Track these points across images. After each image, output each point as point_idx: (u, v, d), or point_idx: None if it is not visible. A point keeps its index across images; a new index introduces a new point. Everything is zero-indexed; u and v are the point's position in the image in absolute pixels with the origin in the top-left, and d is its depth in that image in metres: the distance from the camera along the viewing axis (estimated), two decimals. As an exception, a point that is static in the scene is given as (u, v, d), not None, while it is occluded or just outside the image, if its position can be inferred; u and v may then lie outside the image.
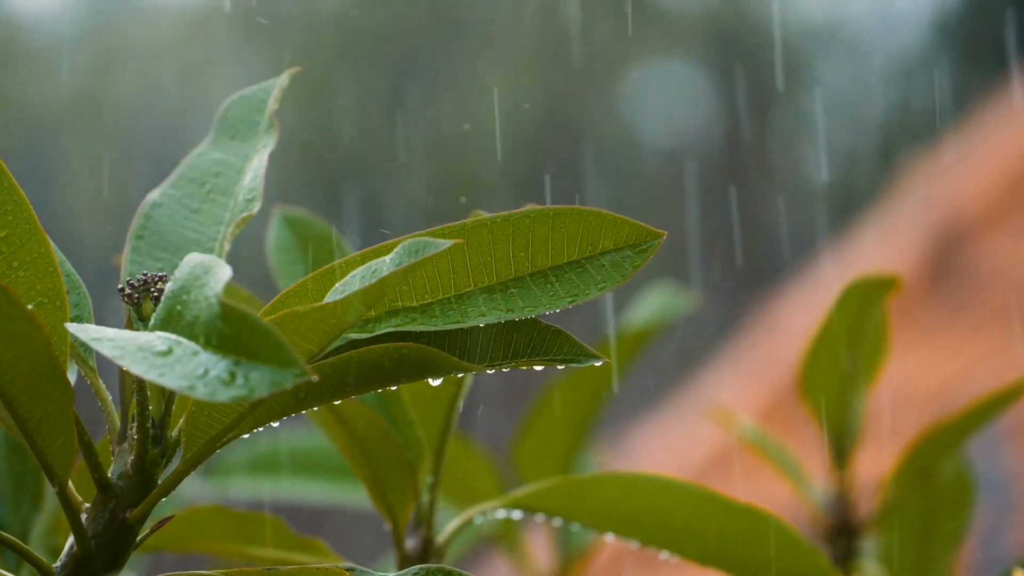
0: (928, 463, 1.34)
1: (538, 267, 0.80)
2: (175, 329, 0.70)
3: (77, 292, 0.84)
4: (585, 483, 0.97)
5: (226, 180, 0.89)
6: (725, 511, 0.97)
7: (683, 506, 0.96)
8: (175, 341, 0.69)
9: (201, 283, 0.71)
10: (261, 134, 0.91)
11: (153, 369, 0.67)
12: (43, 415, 0.74)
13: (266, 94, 0.92)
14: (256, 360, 0.66)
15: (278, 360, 0.65)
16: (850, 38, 5.36)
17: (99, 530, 0.78)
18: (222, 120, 0.92)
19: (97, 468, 0.78)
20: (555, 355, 0.80)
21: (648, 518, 0.96)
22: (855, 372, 1.39)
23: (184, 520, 1.00)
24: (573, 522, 0.97)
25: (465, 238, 0.79)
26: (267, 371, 0.65)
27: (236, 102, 0.92)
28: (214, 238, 0.87)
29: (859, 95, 5.22)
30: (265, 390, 0.65)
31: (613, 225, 0.80)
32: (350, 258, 0.80)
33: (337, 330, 0.73)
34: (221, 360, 0.66)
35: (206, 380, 0.66)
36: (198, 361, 0.67)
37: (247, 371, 0.66)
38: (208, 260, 0.73)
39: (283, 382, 0.65)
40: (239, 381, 0.65)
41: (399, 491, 0.96)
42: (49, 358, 0.72)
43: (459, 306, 0.80)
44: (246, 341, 0.66)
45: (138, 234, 0.88)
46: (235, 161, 0.90)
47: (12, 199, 0.79)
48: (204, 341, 0.68)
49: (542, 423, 1.56)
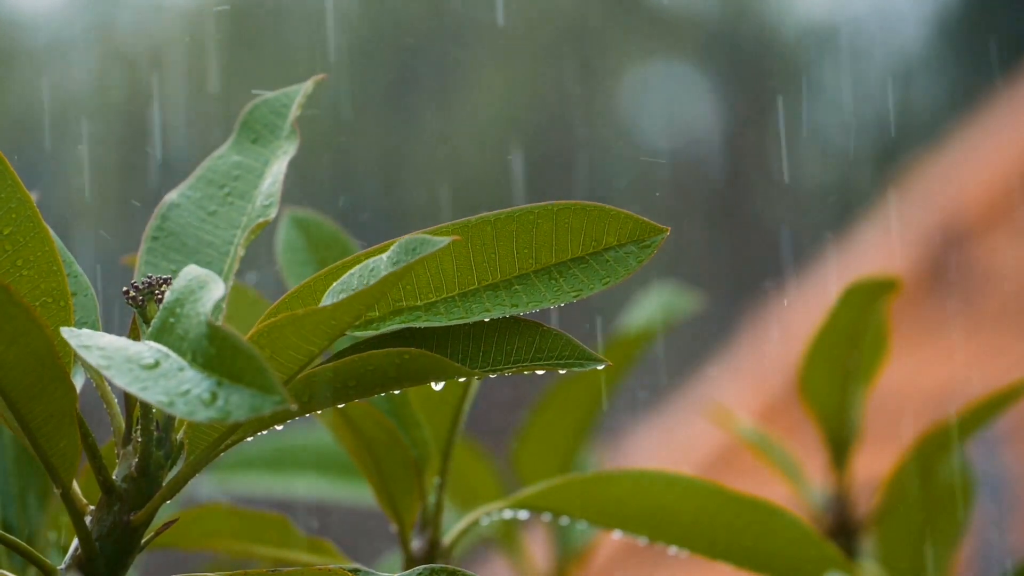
0: (927, 463, 1.34)
1: (542, 263, 0.80)
2: (167, 341, 0.70)
3: (85, 294, 0.83)
4: (591, 481, 0.97)
5: (245, 184, 0.89)
6: (733, 504, 0.96)
7: (691, 501, 0.96)
8: (164, 354, 0.69)
9: (195, 298, 0.71)
10: (282, 139, 0.90)
11: (136, 382, 0.66)
12: (46, 416, 0.74)
13: (289, 99, 0.91)
14: (239, 383, 0.65)
15: (259, 384, 0.65)
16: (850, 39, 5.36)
17: (103, 533, 0.78)
18: (243, 123, 0.91)
19: (101, 470, 0.78)
20: (558, 359, 0.79)
21: (656, 514, 0.96)
22: (854, 373, 1.39)
23: (191, 519, 1.00)
24: (580, 520, 0.97)
25: (468, 235, 0.79)
26: (248, 395, 0.65)
27: (258, 106, 0.92)
28: (229, 242, 0.87)
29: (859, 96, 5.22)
30: (243, 415, 0.64)
31: (617, 220, 0.80)
32: (353, 257, 0.80)
33: (336, 331, 0.73)
34: (205, 379, 0.66)
35: (187, 399, 0.65)
36: (182, 378, 0.67)
37: (228, 393, 0.65)
38: (204, 275, 0.72)
39: (262, 408, 0.64)
40: (219, 403, 0.65)
41: (405, 492, 0.96)
42: (51, 359, 0.71)
43: (463, 303, 0.79)
44: (230, 363, 0.66)
45: (153, 235, 0.87)
46: (255, 165, 0.89)
47: (16, 196, 0.79)
48: (191, 358, 0.68)
49: (542, 424, 1.56)
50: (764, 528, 0.97)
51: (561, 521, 0.98)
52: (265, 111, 0.91)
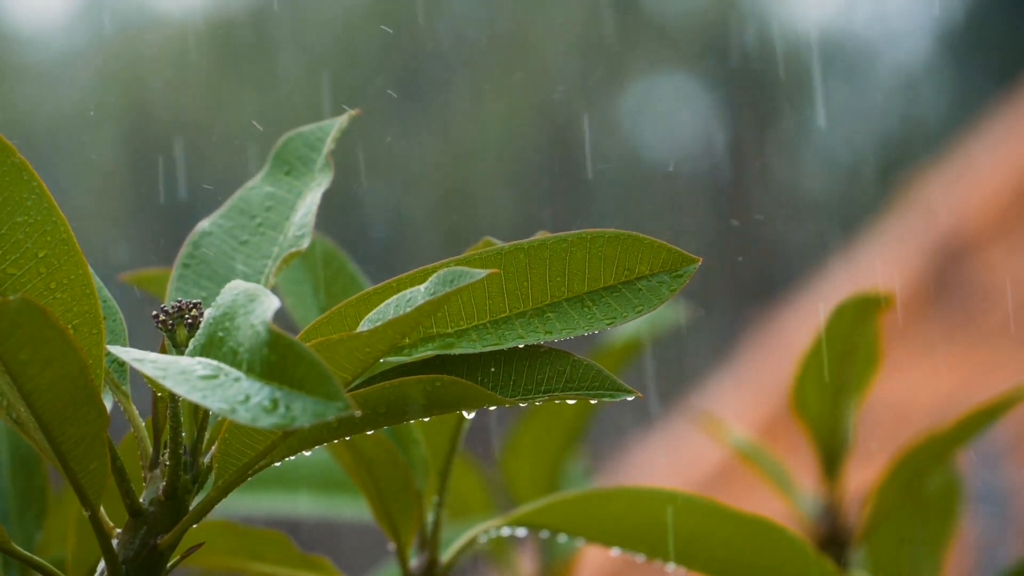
0: (916, 474, 1.34)
1: (575, 292, 0.80)
2: (216, 355, 0.70)
3: (113, 318, 0.84)
4: (589, 498, 0.97)
5: (277, 215, 0.89)
6: (731, 522, 0.96)
7: (688, 518, 0.96)
8: (216, 366, 0.69)
9: (247, 311, 0.71)
10: (316, 172, 0.90)
11: (195, 391, 0.67)
12: (77, 439, 0.74)
13: (324, 133, 0.91)
14: (300, 390, 0.66)
15: (323, 392, 0.65)
16: (852, 52, 5.37)
17: (130, 556, 0.78)
18: (277, 155, 0.91)
19: (129, 494, 0.78)
20: (588, 389, 0.79)
21: (653, 531, 0.96)
22: (846, 387, 1.40)
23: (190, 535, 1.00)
24: (578, 538, 0.97)
25: (501, 262, 0.79)
26: (310, 402, 0.65)
27: (292, 138, 0.92)
28: (260, 271, 0.87)
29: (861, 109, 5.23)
30: (307, 420, 0.64)
31: (651, 249, 0.80)
32: (385, 285, 0.80)
33: (371, 359, 0.73)
34: (264, 387, 0.66)
35: (247, 406, 0.66)
36: (240, 387, 0.67)
37: (290, 400, 0.66)
38: (252, 288, 0.73)
39: (325, 414, 0.64)
40: (281, 410, 0.65)
41: (404, 511, 0.95)
42: (85, 381, 0.72)
43: (495, 330, 0.79)
44: (292, 370, 0.66)
45: (185, 262, 0.88)
46: (287, 197, 0.90)
47: (51, 219, 0.79)
48: (247, 368, 0.68)
49: (530, 434, 1.56)
50: (762, 545, 0.97)
51: (559, 539, 0.98)
52: (299, 144, 0.92)
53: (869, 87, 5.23)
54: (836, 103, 5.29)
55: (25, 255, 0.79)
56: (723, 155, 5.11)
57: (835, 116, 5.26)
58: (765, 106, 5.20)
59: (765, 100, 5.20)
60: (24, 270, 0.79)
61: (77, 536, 0.95)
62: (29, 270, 0.79)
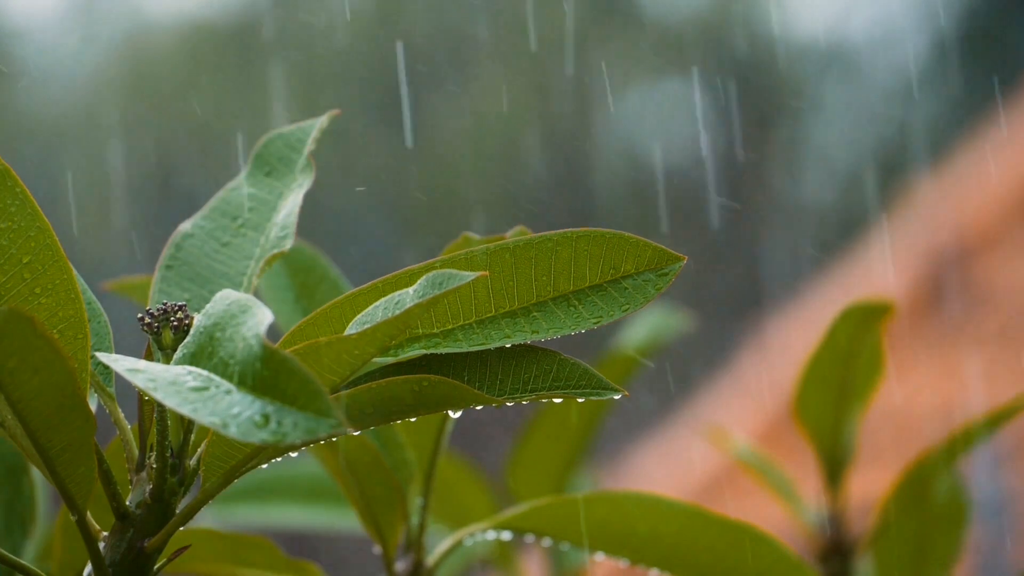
0: (923, 484, 1.34)
1: (560, 291, 0.80)
2: (206, 365, 0.70)
3: (98, 320, 0.84)
4: (573, 503, 0.97)
5: (258, 216, 0.89)
6: (713, 527, 0.97)
7: (671, 523, 0.96)
8: (207, 377, 0.69)
9: (238, 322, 0.70)
10: (297, 173, 0.90)
11: (186, 404, 0.67)
12: (65, 444, 0.74)
13: (304, 134, 0.92)
14: (292, 406, 0.66)
15: (315, 408, 0.65)
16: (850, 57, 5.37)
17: (117, 559, 0.78)
18: (257, 156, 0.91)
19: (116, 497, 0.78)
20: (575, 387, 0.79)
21: (637, 536, 0.96)
22: (849, 395, 1.40)
23: (175, 541, 1.00)
24: (563, 542, 0.97)
25: (488, 263, 0.79)
26: (302, 417, 0.65)
27: (273, 139, 0.92)
28: (243, 273, 0.87)
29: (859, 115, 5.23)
30: (299, 437, 0.65)
31: (636, 248, 0.80)
32: (371, 286, 0.80)
33: (360, 362, 0.73)
34: (255, 401, 0.66)
35: (239, 420, 0.66)
36: (231, 400, 0.67)
37: (281, 415, 0.66)
38: (245, 299, 0.72)
39: (317, 431, 0.65)
40: (272, 425, 0.65)
41: (389, 514, 0.96)
42: (72, 389, 0.72)
43: (482, 330, 0.79)
44: (284, 385, 0.66)
45: (167, 264, 0.88)
46: (268, 198, 0.90)
47: (35, 224, 0.79)
48: (238, 381, 0.68)
49: (537, 443, 1.56)
50: (745, 551, 0.97)
51: (544, 542, 0.98)
52: (280, 145, 0.92)
53: (868, 91, 5.23)
54: (835, 107, 5.30)
55: (9, 261, 0.79)
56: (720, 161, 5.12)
57: (834, 121, 5.26)
58: (764, 112, 5.21)
59: (764, 106, 5.21)
60: (8, 276, 0.79)
61: (63, 541, 0.95)
62: (13, 276, 0.79)
